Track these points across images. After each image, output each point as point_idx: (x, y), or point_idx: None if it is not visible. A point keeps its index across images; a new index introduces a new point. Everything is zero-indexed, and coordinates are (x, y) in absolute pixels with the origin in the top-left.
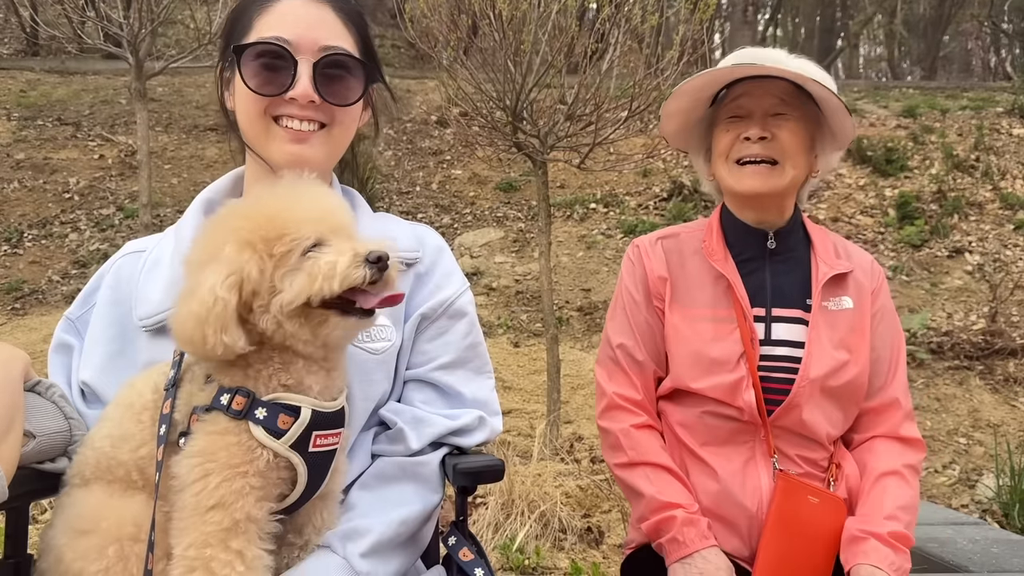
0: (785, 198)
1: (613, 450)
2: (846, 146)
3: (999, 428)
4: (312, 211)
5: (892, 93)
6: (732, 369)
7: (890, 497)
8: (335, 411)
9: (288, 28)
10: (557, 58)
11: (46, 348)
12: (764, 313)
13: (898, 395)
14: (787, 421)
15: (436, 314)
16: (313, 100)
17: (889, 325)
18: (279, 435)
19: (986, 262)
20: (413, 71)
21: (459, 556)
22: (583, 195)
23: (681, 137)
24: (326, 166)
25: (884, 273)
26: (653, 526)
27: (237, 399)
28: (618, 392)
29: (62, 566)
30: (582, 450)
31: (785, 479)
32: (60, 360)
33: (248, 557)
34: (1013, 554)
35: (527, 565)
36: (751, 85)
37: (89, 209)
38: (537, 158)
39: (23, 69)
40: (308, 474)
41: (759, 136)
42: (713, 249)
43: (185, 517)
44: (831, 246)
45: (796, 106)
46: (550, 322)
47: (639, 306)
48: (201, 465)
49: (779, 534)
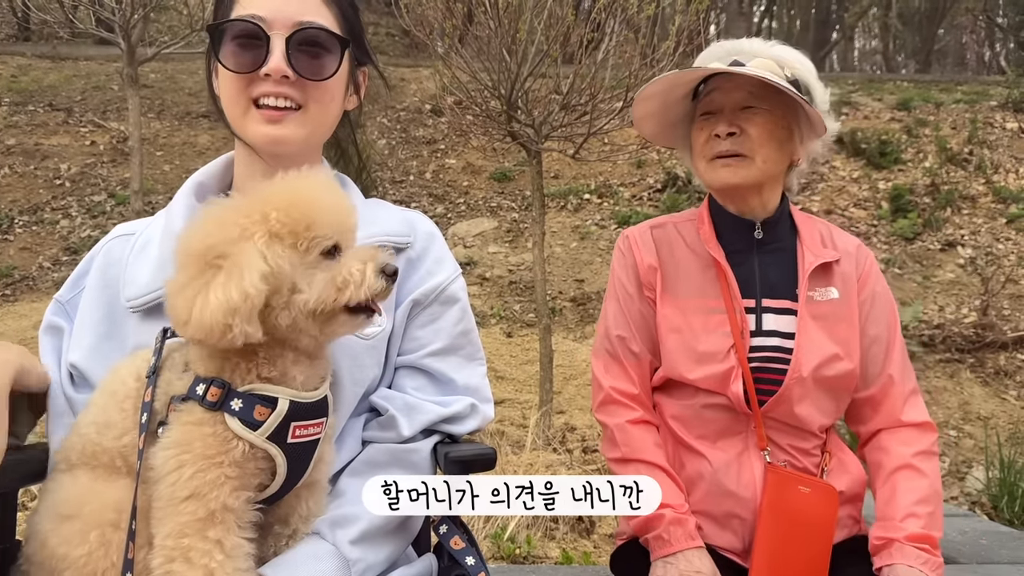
0: (764, 189)
1: (609, 444)
2: (823, 133)
3: (989, 421)
4: (335, 210)
5: (887, 86)
6: (722, 360)
7: (903, 495)
8: (316, 401)
9: (264, 5)
10: (553, 47)
11: (35, 334)
12: (754, 304)
13: (895, 378)
14: (779, 412)
15: (428, 300)
16: (287, 75)
17: (882, 309)
18: (255, 426)
19: (978, 255)
20: (407, 59)
21: (450, 544)
22: (577, 185)
23: (665, 136)
24: (305, 147)
25: (872, 257)
26: (641, 522)
27: (212, 390)
28: (615, 386)
29: (46, 551)
30: (574, 440)
31: (775, 472)
32: (50, 341)
33: (227, 546)
34: (1001, 545)
35: (518, 554)
36: (722, 80)
37: (80, 195)
38: (531, 148)
39: (14, 54)
40: (288, 464)
41: (727, 132)
42: (707, 236)
43: (161, 507)
44: (817, 234)
45: (766, 98)
46: (543, 312)
47: (632, 298)
48: (176, 456)
49: (773, 526)
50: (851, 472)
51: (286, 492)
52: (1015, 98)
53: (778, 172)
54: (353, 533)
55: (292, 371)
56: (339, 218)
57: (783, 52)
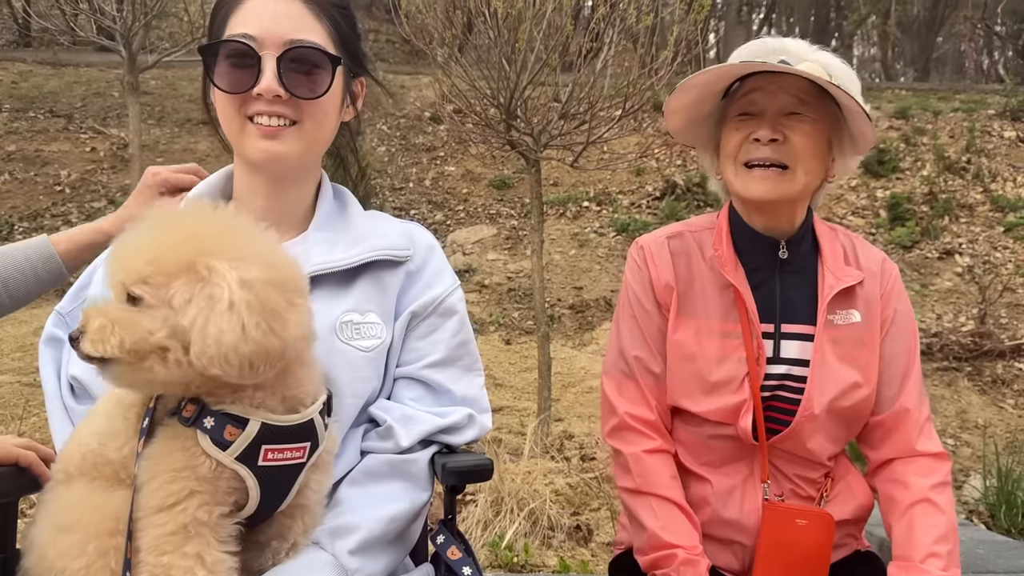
0: (796, 205)
1: (622, 472)
2: (866, 151)
3: (987, 429)
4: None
5: (885, 94)
6: (735, 391)
7: (922, 532)
8: (295, 425)
9: (255, 24)
10: (552, 56)
11: (35, 341)
12: (773, 330)
13: (910, 406)
14: (788, 445)
15: (426, 312)
16: (279, 95)
17: (902, 329)
18: (225, 446)
19: (976, 264)
20: (407, 67)
21: (447, 554)
22: (576, 193)
23: (689, 132)
24: (301, 162)
25: (896, 273)
26: (651, 561)
27: (188, 406)
28: (631, 412)
29: (46, 563)
30: (572, 448)
31: (772, 509)
32: (50, 353)
33: (208, 561)
34: (998, 555)
35: (516, 563)
36: (765, 80)
37: (80, 202)
38: (530, 156)
39: (15, 60)
40: (263, 487)
41: (770, 138)
42: (724, 259)
43: (140, 518)
44: (840, 251)
45: (814, 105)
46: (542, 320)
47: (650, 314)
48: (150, 468)
49: (772, 559)
50: (857, 498)
51: (267, 513)
52: (1013, 107)
53: (815, 187)
54: (352, 543)
55: (258, 395)
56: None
57: (830, 59)
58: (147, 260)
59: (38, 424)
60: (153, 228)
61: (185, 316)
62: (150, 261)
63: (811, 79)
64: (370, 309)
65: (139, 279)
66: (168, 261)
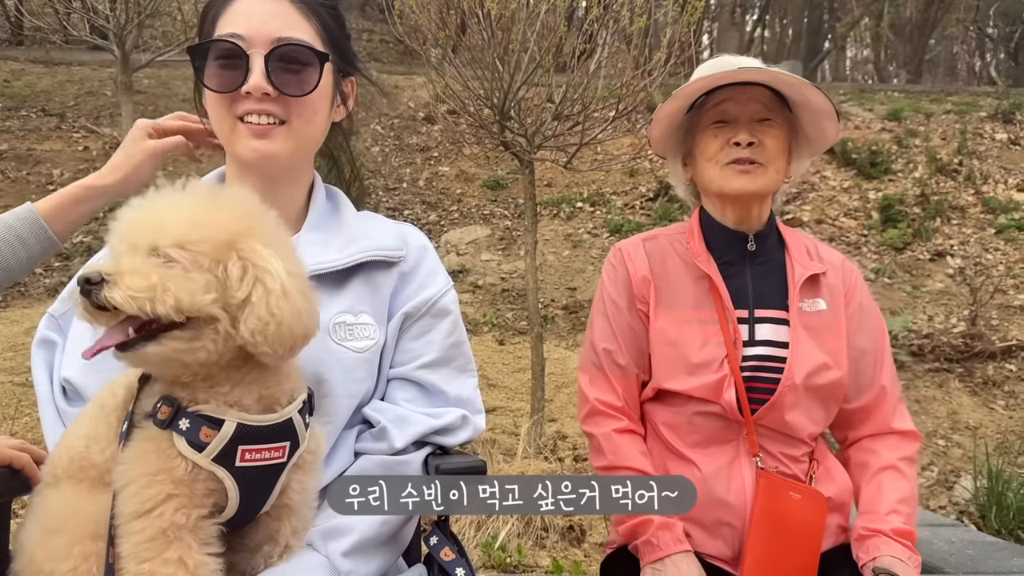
0: (765, 200)
1: (596, 453)
2: (820, 152)
3: (977, 430)
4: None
5: (877, 96)
6: (716, 370)
7: (888, 492)
8: (273, 424)
9: (243, 24)
10: (545, 57)
11: (28, 341)
12: (747, 315)
13: (886, 388)
14: (770, 420)
15: (420, 313)
16: (267, 92)
17: (870, 321)
18: (201, 447)
19: (967, 265)
20: (401, 67)
21: (440, 555)
22: (570, 194)
23: (663, 142)
24: (292, 161)
25: (857, 270)
26: (629, 529)
27: (163, 408)
28: (599, 398)
29: (34, 566)
30: (565, 449)
31: (767, 477)
32: (43, 355)
33: (190, 565)
34: (988, 556)
35: (509, 563)
36: (735, 91)
37: None
38: (524, 157)
39: (7, 59)
40: (242, 488)
41: (748, 141)
42: (697, 252)
43: (119, 524)
44: (803, 248)
45: (778, 112)
46: (535, 320)
47: (621, 311)
48: (126, 473)
49: (764, 532)
50: (837, 481)
51: (250, 515)
52: (1004, 109)
53: (780, 185)
54: (345, 545)
55: (234, 392)
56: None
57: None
58: (191, 224)
59: (30, 424)
60: (188, 196)
61: (239, 290)
62: (195, 225)
63: (797, 85)
64: (363, 310)
65: (178, 241)
66: (212, 229)
